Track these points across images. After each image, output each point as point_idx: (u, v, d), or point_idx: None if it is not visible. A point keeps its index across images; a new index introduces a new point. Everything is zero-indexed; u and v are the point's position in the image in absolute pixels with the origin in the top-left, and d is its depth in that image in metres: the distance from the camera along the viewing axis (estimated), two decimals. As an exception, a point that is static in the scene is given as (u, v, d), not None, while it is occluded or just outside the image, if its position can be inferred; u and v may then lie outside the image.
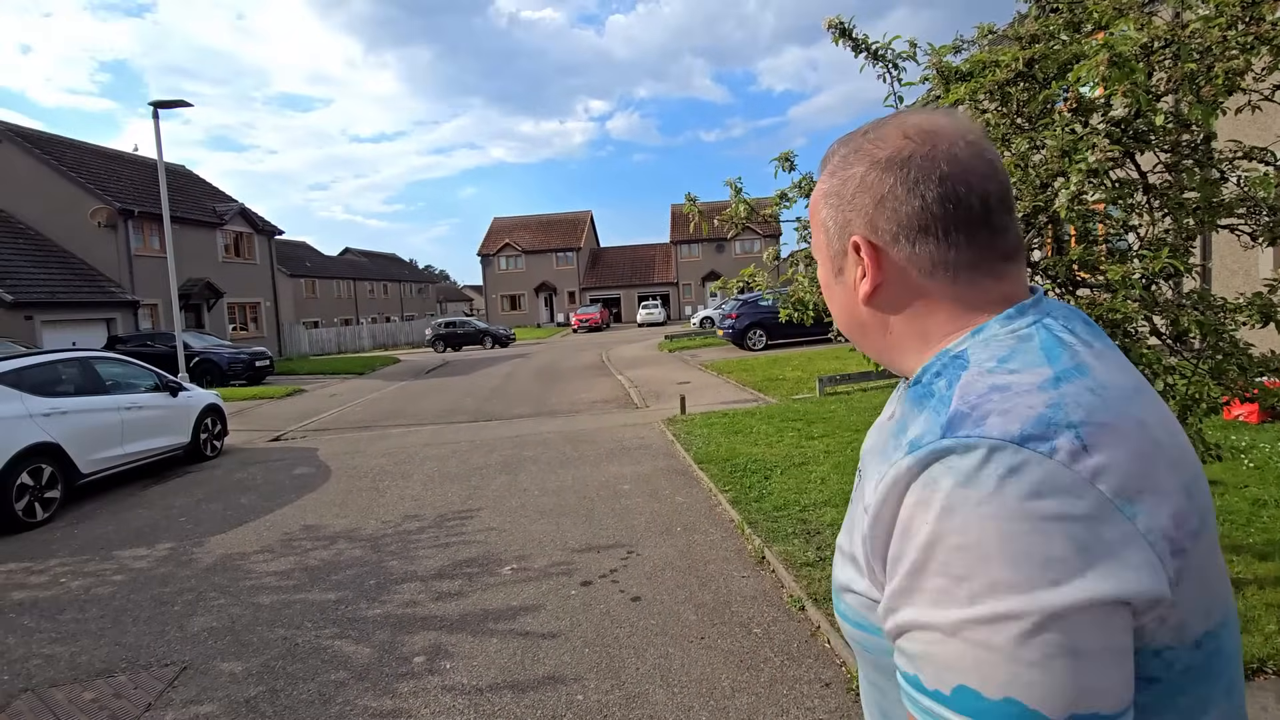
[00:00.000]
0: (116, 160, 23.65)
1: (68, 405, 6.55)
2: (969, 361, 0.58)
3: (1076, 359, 0.57)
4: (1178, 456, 0.56)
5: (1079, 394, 0.53)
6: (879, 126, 0.66)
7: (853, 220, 0.66)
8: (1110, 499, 0.49)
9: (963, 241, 0.62)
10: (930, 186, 0.61)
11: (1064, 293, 3.06)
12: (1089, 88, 2.90)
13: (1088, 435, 0.51)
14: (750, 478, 5.56)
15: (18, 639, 3.68)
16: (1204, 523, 0.55)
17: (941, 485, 0.51)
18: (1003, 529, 0.48)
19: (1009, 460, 0.49)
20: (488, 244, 51.27)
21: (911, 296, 0.64)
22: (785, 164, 3.58)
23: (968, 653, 0.48)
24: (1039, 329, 0.59)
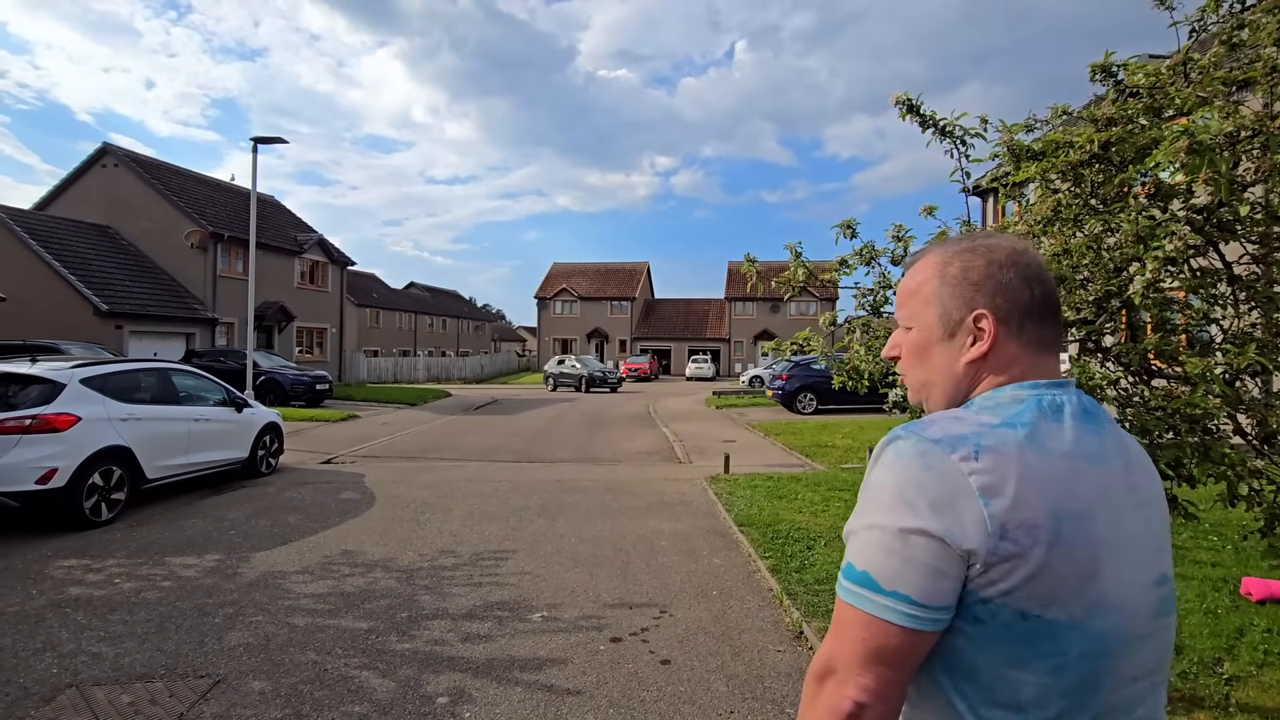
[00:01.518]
0: (214, 187, 25.56)
1: (143, 412, 6.93)
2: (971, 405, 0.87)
3: (1032, 420, 0.81)
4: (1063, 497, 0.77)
5: (1003, 435, 0.79)
6: (985, 237, 0.92)
7: (976, 299, 0.88)
8: (974, 490, 0.75)
9: (1047, 324, 0.88)
10: (1038, 285, 0.88)
11: (1138, 381, 2.92)
12: (1168, 173, 2.84)
13: (982, 454, 0.77)
14: (792, 546, 5.39)
15: (70, 634, 3.82)
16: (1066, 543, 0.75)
17: (889, 453, 0.82)
18: (899, 480, 0.78)
19: (924, 448, 0.79)
20: (545, 287, 52.59)
21: (1002, 360, 0.88)
22: (847, 231, 3.59)
23: (857, 543, 0.80)
24: (1032, 400, 0.84)
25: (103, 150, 22.70)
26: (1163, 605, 0.84)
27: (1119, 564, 0.78)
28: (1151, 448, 2.53)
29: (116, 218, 22.07)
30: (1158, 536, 0.86)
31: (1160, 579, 0.84)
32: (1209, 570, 4.64)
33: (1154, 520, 0.86)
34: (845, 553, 0.82)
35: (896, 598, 0.75)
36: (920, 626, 0.75)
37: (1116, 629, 0.77)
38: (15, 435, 5.78)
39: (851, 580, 0.79)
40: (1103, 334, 3.06)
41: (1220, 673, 3.19)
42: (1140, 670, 0.81)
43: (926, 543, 0.74)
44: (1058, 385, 0.86)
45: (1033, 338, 0.87)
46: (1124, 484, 0.83)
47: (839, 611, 0.80)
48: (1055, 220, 3.00)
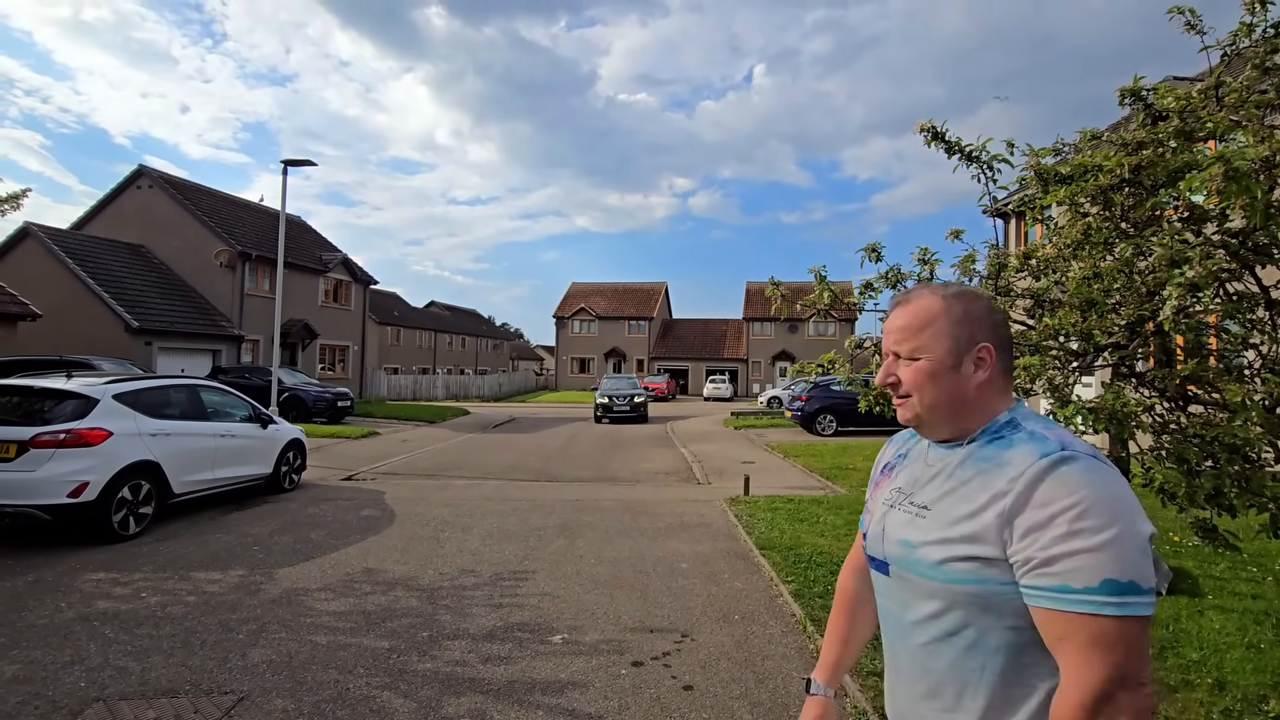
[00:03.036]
0: (243, 208, 26.20)
1: (172, 428, 7.06)
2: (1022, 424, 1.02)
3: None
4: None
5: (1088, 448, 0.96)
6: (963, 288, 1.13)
7: (977, 335, 1.06)
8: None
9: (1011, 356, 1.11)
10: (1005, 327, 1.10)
11: (1174, 407, 2.86)
12: (1201, 197, 2.81)
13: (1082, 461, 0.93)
14: (815, 570, 5.31)
15: (97, 647, 3.87)
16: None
17: (1072, 472, 0.90)
18: (1116, 492, 0.88)
19: (1102, 460, 0.93)
20: (564, 306, 52.94)
21: (997, 385, 1.07)
22: (872, 255, 3.59)
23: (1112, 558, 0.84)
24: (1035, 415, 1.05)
25: (138, 172, 23.41)
26: None
27: None
28: (1190, 476, 2.47)
29: (149, 237, 22.68)
30: None
31: None
32: (1250, 603, 4.50)
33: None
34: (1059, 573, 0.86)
35: (1151, 593, 0.85)
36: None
37: None
38: (50, 449, 5.91)
39: (1120, 593, 0.83)
40: (1135, 359, 3.01)
41: (1265, 710, 3.07)
42: None
43: (1151, 538, 0.88)
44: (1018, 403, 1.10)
45: (1011, 365, 1.10)
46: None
47: (1105, 631, 0.83)
48: (1085, 243, 2.97)
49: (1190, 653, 3.70)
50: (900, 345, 1.09)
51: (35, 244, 19.46)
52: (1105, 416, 2.43)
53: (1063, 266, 3.11)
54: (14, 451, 5.85)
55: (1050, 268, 3.14)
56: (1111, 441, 3.02)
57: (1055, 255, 3.12)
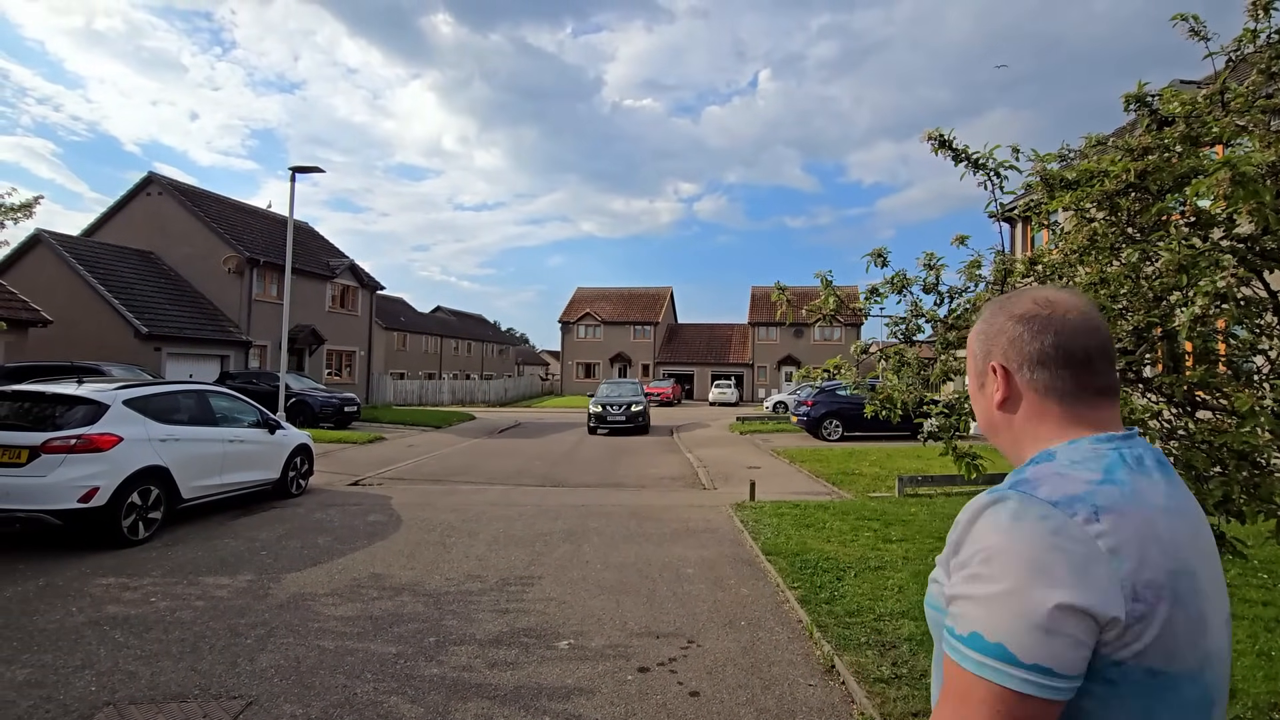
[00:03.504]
0: (251, 214, 26.38)
1: (181, 433, 7.11)
2: (1054, 457, 0.87)
3: (1127, 476, 0.82)
4: (1174, 552, 0.79)
5: (1109, 492, 0.80)
6: (1018, 295, 0.99)
7: (993, 351, 0.98)
8: (1104, 553, 0.75)
9: (1068, 376, 0.91)
10: (1051, 336, 0.92)
11: (1181, 413, 2.85)
12: (1208, 202, 2.81)
13: (1101, 513, 0.77)
14: (821, 576, 5.30)
15: (108, 651, 3.90)
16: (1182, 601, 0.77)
17: (1000, 516, 0.80)
18: (1029, 548, 0.76)
19: (1041, 510, 0.78)
20: (569, 312, 53.03)
21: (1028, 408, 0.94)
22: (878, 259, 3.59)
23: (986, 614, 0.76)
24: (1114, 454, 0.85)
25: (148, 179, 23.62)
26: (1228, 647, 0.87)
27: (1215, 613, 0.83)
28: (1198, 482, 2.46)
29: (158, 244, 22.86)
30: (1222, 578, 0.89)
31: (1228, 619, 0.88)
32: (1260, 610, 4.46)
33: (1218, 562, 0.89)
34: (952, 615, 0.80)
35: (1036, 670, 0.73)
36: (1057, 696, 0.74)
37: (1219, 676, 0.82)
38: (61, 454, 5.96)
39: (982, 652, 0.75)
40: (1143, 364, 3.00)
41: (1278, 719, 3.05)
42: (1219, 708, 0.85)
43: (1073, 616, 0.73)
44: (1128, 437, 0.89)
45: (1050, 384, 0.91)
46: (1206, 532, 0.88)
47: (961, 682, 0.77)
48: (1091, 249, 2.97)
49: (1200, 660, 3.67)
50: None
51: (46, 251, 19.65)
52: (1112, 422, 2.42)
53: (1069, 272, 3.11)
54: (26, 457, 5.90)
55: (1057, 273, 3.14)
56: (1119, 447, 3.01)
57: (1061, 261, 3.12)
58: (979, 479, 5.13)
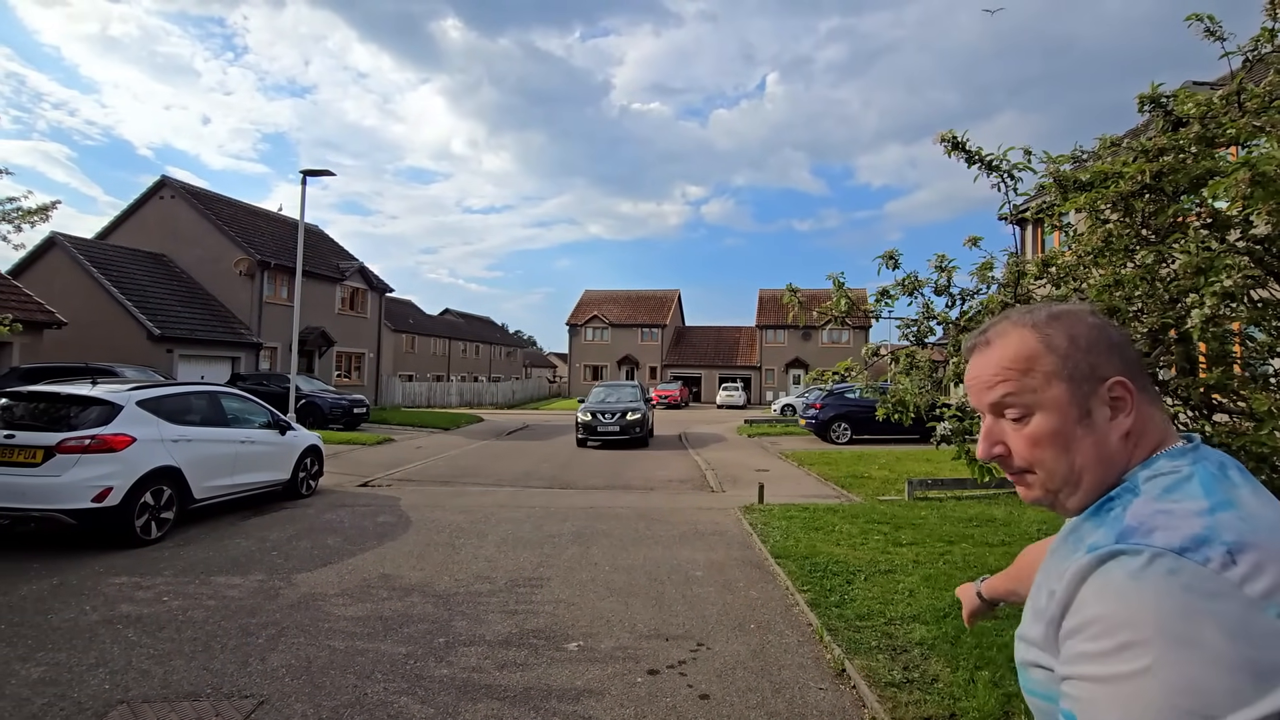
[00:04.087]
0: (262, 217, 26.60)
1: (194, 434, 7.16)
2: (1140, 491, 0.73)
3: (1229, 494, 0.69)
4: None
5: (1230, 521, 0.66)
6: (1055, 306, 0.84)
7: (1101, 365, 0.78)
8: (1257, 599, 0.61)
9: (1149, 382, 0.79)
10: (1128, 338, 0.80)
11: (1197, 416, 2.83)
12: (1225, 203, 2.78)
13: (1237, 551, 0.63)
14: (831, 580, 5.27)
15: (120, 650, 3.93)
16: None
17: (1115, 577, 0.65)
18: (1163, 612, 0.61)
19: (1169, 564, 0.63)
20: (577, 314, 53.11)
21: (1143, 425, 0.78)
22: (889, 262, 3.58)
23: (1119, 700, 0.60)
24: (1198, 468, 0.73)
25: (161, 183, 23.86)
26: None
27: None
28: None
29: (171, 246, 23.08)
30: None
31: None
32: (1277, 616, 4.41)
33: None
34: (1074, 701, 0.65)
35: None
36: None
37: None
38: (75, 455, 6.02)
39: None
40: (1158, 366, 2.97)
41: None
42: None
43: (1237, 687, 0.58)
44: (1193, 445, 0.77)
45: (1154, 391, 0.79)
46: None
47: None
48: (1106, 251, 2.95)
49: (1217, 666, 3.63)
50: (998, 401, 0.83)
51: (61, 253, 19.87)
52: (1128, 425, 2.41)
53: (1083, 274, 3.09)
54: (41, 457, 5.96)
55: (1070, 275, 3.12)
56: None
57: (1075, 263, 3.10)
58: (991, 482, 5.07)
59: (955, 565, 5.65)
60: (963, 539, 6.57)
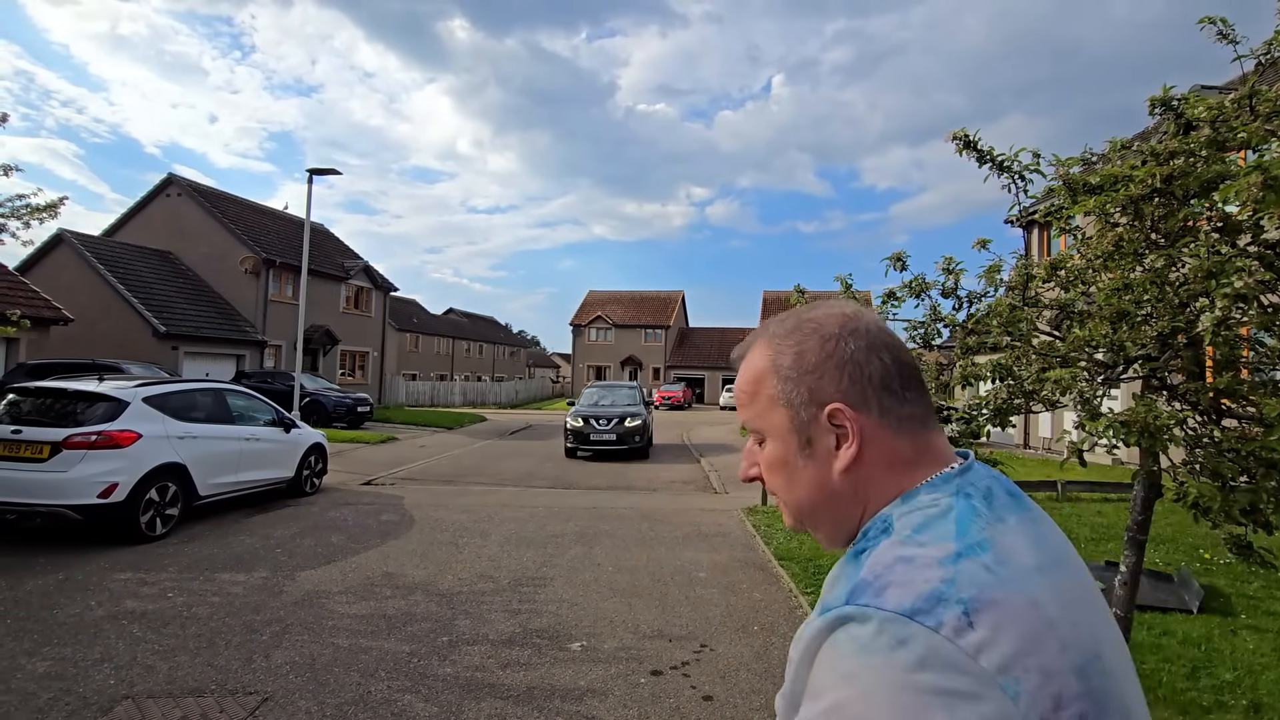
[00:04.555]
0: (267, 215, 26.68)
1: (199, 431, 7.18)
2: (893, 530, 0.62)
3: (984, 534, 0.59)
4: (1073, 637, 0.56)
5: (975, 571, 0.56)
6: (807, 311, 0.73)
7: (822, 388, 0.68)
8: (992, 674, 0.51)
9: (912, 398, 0.68)
10: (885, 350, 0.68)
11: (1207, 420, 2.81)
12: (1236, 207, 2.77)
13: (974, 612, 0.53)
14: (834, 581, 5.26)
15: (126, 645, 3.94)
16: (1101, 706, 0.55)
17: (843, 650, 0.55)
18: (892, 699, 0.51)
19: (898, 632, 0.53)
20: (580, 315, 53.14)
21: (882, 456, 0.67)
22: (897, 264, 3.57)
23: None
24: (959, 499, 0.63)
25: (167, 181, 23.96)
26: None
27: (1131, 689, 0.61)
28: (1225, 491, 2.42)
29: (177, 244, 23.17)
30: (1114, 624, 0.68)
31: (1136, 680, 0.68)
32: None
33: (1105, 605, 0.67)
34: None
35: None
36: None
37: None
38: (82, 450, 6.04)
39: None
40: (1167, 371, 2.96)
41: (1304, 735, 2.99)
42: None
43: None
44: (964, 470, 0.67)
45: (904, 414, 0.67)
46: (1085, 571, 0.66)
47: None
48: (1116, 254, 2.94)
49: (1224, 673, 3.62)
50: (746, 421, 0.75)
51: (68, 250, 19.97)
52: (1137, 430, 2.39)
53: (1092, 277, 3.08)
54: (47, 452, 5.98)
55: (1079, 278, 3.11)
56: (1143, 455, 2.97)
57: (1085, 266, 3.09)
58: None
59: (959, 569, 5.62)
60: (967, 542, 6.54)
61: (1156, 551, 6.11)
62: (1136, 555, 2.97)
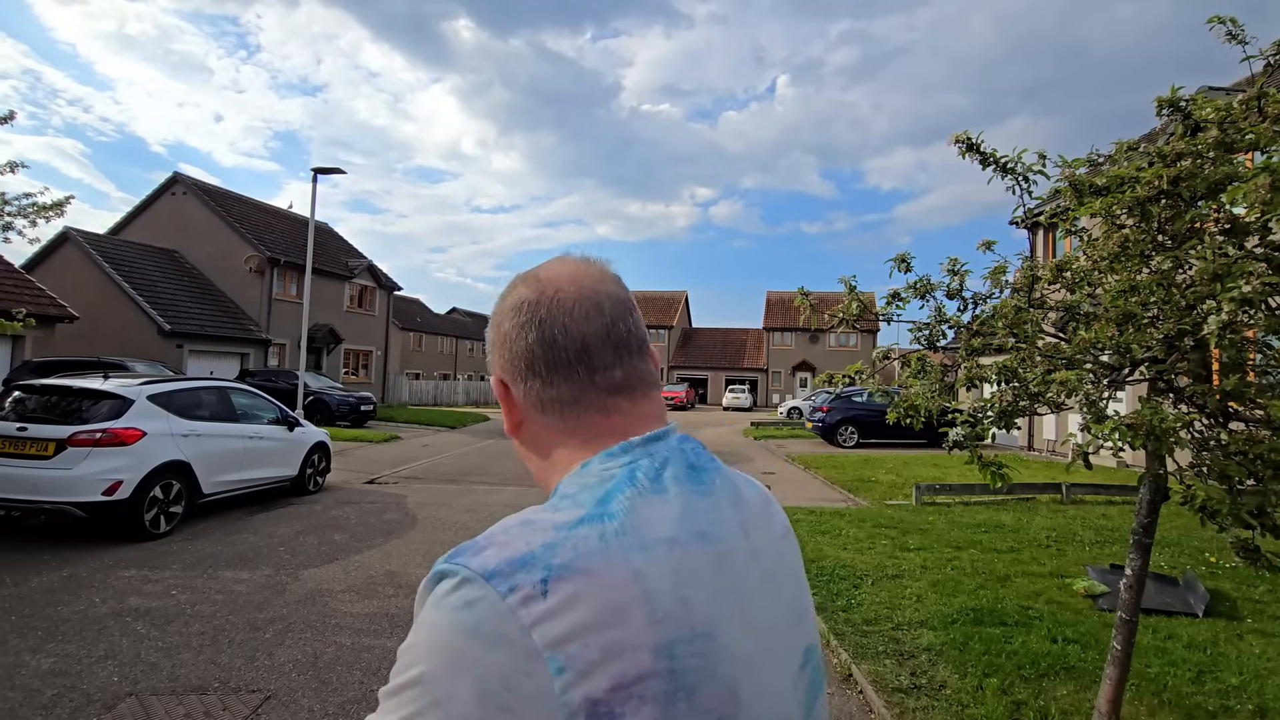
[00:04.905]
0: (272, 215, 26.76)
1: (203, 429, 7.20)
2: (555, 494, 0.64)
3: (625, 504, 0.58)
4: (673, 612, 0.54)
5: (585, 539, 0.55)
6: (519, 277, 0.73)
7: (494, 360, 0.72)
8: (539, 649, 0.50)
9: (560, 379, 0.67)
10: (532, 330, 0.67)
11: (1214, 423, 2.80)
12: (1243, 209, 2.75)
13: (554, 580, 0.52)
14: (838, 584, 5.25)
15: (130, 642, 3.95)
16: (687, 686, 0.53)
17: (426, 601, 0.55)
18: (437, 658, 0.51)
19: (469, 594, 0.52)
20: (584, 315, 53.14)
21: (540, 430, 0.69)
22: (901, 265, 3.56)
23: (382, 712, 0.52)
24: (628, 469, 0.62)
25: (173, 179, 24.05)
26: (812, 690, 0.67)
27: (760, 673, 0.59)
28: (1233, 494, 2.41)
29: (182, 242, 23.26)
30: (793, 604, 0.68)
31: (805, 656, 0.67)
32: (1291, 627, 4.36)
33: (785, 585, 0.68)
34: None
35: None
36: None
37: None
38: (86, 448, 6.06)
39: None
40: (1174, 373, 2.95)
41: (1310, 740, 2.97)
42: None
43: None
44: (653, 439, 0.66)
45: (548, 396, 0.67)
46: (747, 553, 0.64)
47: None
48: (1122, 256, 2.93)
49: (1229, 678, 3.60)
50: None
51: (74, 248, 20.06)
52: (1143, 432, 2.38)
53: (1098, 279, 3.07)
54: (52, 449, 6.01)
55: (1085, 280, 3.10)
56: (1149, 458, 2.96)
57: (1090, 268, 3.08)
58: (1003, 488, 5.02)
59: (963, 571, 5.61)
60: (971, 545, 6.53)
61: (1162, 555, 6.09)
62: (1142, 558, 2.96)
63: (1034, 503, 8.94)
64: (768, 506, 0.74)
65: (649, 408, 0.70)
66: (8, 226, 8.28)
